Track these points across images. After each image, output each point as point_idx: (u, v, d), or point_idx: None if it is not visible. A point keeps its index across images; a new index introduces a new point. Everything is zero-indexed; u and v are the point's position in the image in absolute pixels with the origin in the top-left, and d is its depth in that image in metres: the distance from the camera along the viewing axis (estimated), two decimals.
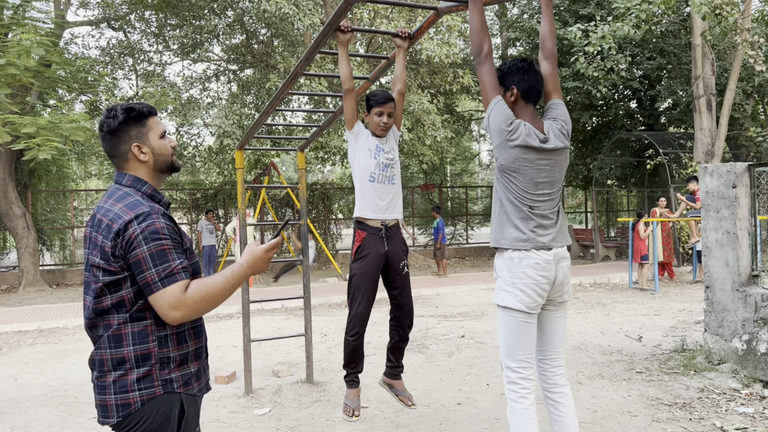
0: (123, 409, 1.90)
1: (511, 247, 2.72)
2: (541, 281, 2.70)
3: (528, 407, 2.70)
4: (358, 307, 3.60)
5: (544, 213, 2.75)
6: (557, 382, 2.88)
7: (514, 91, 2.81)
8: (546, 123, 2.82)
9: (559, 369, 2.90)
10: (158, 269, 1.87)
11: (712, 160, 13.28)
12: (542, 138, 2.74)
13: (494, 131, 2.73)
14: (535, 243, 2.69)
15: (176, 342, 1.99)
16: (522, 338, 2.73)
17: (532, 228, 2.71)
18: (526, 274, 2.69)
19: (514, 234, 2.71)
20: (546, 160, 2.74)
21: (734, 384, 5.09)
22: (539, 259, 2.69)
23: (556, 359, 2.91)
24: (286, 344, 7.32)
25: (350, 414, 3.76)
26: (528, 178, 2.72)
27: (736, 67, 13.04)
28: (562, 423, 2.83)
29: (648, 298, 10.36)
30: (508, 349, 2.77)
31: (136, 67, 16.87)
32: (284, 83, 3.97)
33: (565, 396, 2.86)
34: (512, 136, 2.69)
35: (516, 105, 2.82)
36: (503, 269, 2.77)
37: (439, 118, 13.70)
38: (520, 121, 2.73)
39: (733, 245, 5.51)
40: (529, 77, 2.81)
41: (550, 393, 2.88)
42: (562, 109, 2.90)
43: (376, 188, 3.62)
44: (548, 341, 2.89)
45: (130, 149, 2.04)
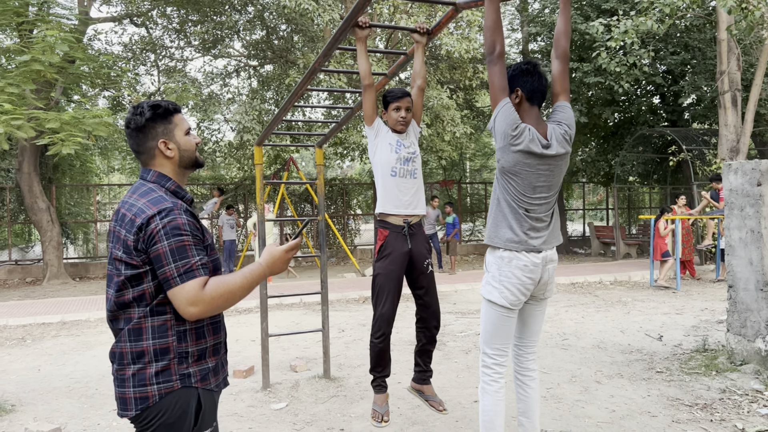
0: (141, 402, 1.92)
1: (503, 246, 2.88)
2: (527, 282, 2.88)
3: (498, 390, 2.97)
4: (383, 307, 3.56)
5: (538, 216, 2.87)
6: (528, 366, 3.16)
7: (518, 93, 2.87)
8: (550, 127, 2.86)
9: (532, 355, 3.17)
10: (178, 265, 1.89)
11: (737, 157, 13.05)
12: (544, 144, 2.81)
13: (499, 134, 2.80)
14: (526, 246, 2.84)
15: (195, 337, 2.01)
16: (501, 330, 2.97)
17: (526, 230, 2.84)
18: (514, 274, 2.86)
19: (508, 235, 2.85)
20: (546, 165, 2.83)
21: (757, 385, 5.00)
22: (528, 262, 2.86)
23: (531, 347, 3.17)
24: (303, 339, 7.35)
25: (379, 420, 3.69)
26: (527, 182, 2.81)
27: (762, 62, 12.78)
28: (526, 402, 3.13)
29: (669, 296, 10.23)
30: (488, 337, 3.01)
31: (158, 62, 17.02)
32: (303, 79, 3.98)
33: (533, 379, 3.15)
34: (516, 141, 2.75)
35: (521, 107, 2.87)
36: (493, 265, 2.96)
37: (458, 113, 13.64)
38: (525, 125, 2.78)
39: (757, 244, 5.41)
40: (533, 80, 2.85)
41: (521, 375, 3.16)
42: (568, 112, 2.93)
43: (398, 183, 3.60)
44: (526, 331, 3.15)
45: (156, 145, 2.07)
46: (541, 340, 6.95)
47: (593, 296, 10.42)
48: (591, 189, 26.84)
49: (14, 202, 16.76)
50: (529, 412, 3.14)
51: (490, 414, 2.96)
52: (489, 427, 2.96)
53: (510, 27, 20.80)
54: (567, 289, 11.40)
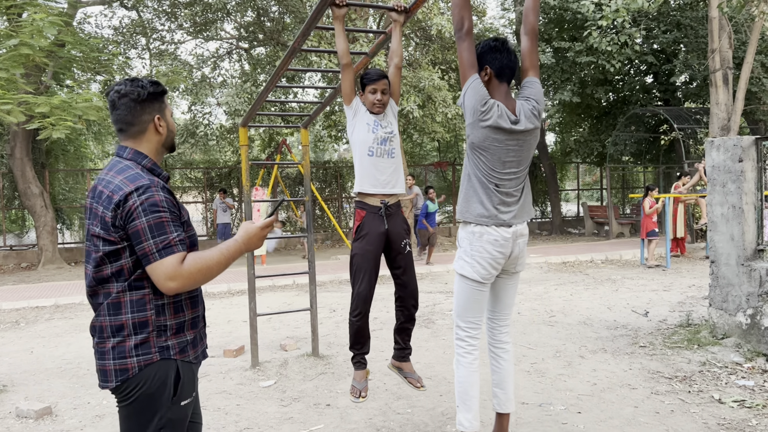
0: (121, 373, 1.99)
1: (474, 221, 2.93)
2: (498, 256, 2.93)
3: (472, 362, 3.04)
4: (360, 286, 3.61)
5: (508, 191, 2.91)
6: (502, 339, 3.24)
7: (487, 70, 2.90)
8: (519, 103, 2.89)
9: (505, 328, 3.24)
10: (156, 240, 1.93)
11: (729, 134, 13.09)
12: (513, 119, 2.85)
13: (468, 109, 2.83)
14: (496, 220, 2.90)
15: (173, 311, 2.07)
16: (473, 303, 3.03)
17: (496, 205, 2.89)
18: (485, 249, 2.91)
19: (479, 210, 2.90)
20: (515, 141, 2.86)
21: (737, 358, 5.10)
22: (498, 236, 2.91)
23: (504, 320, 3.24)
24: (294, 319, 7.44)
25: (357, 395, 3.77)
26: (496, 157, 2.86)
27: (753, 40, 12.78)
28: (500, 374, 3.21)
29: (659, 274, 10.33)
30: (461, 311, 3.07)
31: (149, 46, 16.90)
32: (283, 59, 4.00)
33: (506, 351, 3.23)
34: (485, 116, 2.78)
35: (490, 84, 2.90)
36: (465, 240, 3.00)
37: (450, 94, 13.61)
38: (494, 101, 2.81)
39: (738, 219, 5.48)
40: (502, 56, 2.87)
41: (495, 348, 3.24)
42: (537, 87, 2.96)
43: (375, 162, 3.63)
44: (499, 304, 3.21)
45: (152, 120, 2.13)
46: (529, 318, 7.04)
47: (583, 275, 10.52)
48: (587, 169, 26.87)
49: (8, 188, 16.75)
50: (503, 383, 3.22)
51: (465, 385, 3.04)
52: (464, 397, 3.04)
53: (502, 6, 20.69)
54: (558, 268, 11.49)
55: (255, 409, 4.37)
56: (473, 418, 3.02)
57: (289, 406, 4.42)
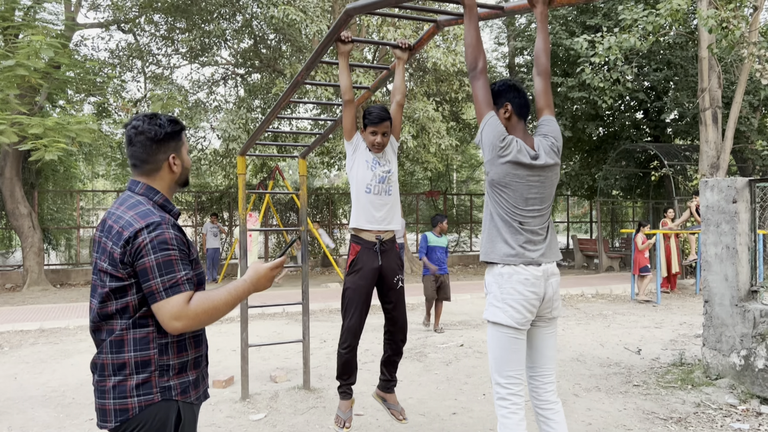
0: (121, 414, 1.94)
1: (501, 261, 2.74)
2: (531, 297, 2.71)
3: (518, 423, 2.71)
4: (351, 320, 3.62)
5: (533, 229, 2.77)
6: (548, 398, 2.88)
7: (508, 107, 2.85)
8: (537, 139, 2.86)
9: (550, 386, 2.91)
10: (164, 279, 1.91)
11: (717, 173, 13.24)
12: (533, 155, 2.78)
13: (487, 146, 2.76)
14: (524, 258, 2.71)
15: (176, 350, 2.03)
16: (512, 354, 2.75)
17: (522, 243, 2.73)
18: (516, 290, 2.70)
19: (504, 249, 2.73)
20: (536, 176, 2.78)
21: (731, 399, 5.07)
22: (528, 275, 2.71)
23: (547, 375, 2.91)
24: (285, 350, 7.34)
25: (341, 425, 3.77)
26: (518, 193, 2.74)
27: (742, 81, 13.01)
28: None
29: (650, 310, 10.33)
30: (498, 365, 2.78)
31: (145, 69, 16.98)
32: (286, 91, 4.01)
33: (556, 413, 2.87)
34: (504, 152, 2.72)
35: (510, 121, 2.86)
36: (493, 285, 2.78)
37: (444, 125, 13.73)
38: (512, 137, 2.76)
39: (732, 260, 5.51)
40: (520, 94, 2.86)
41: (542, 410, 2.89)
42: (554, 125, 2.93)
43: (372, 199, 3.65)
44: (539, 357, 2.90)
45: (167, 159, 2.10)
46: None
47: (575, 309, 10.50)
48: (576, 202, 27.06)
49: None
50: None
51: None
52: None
53: (496, 41, 21.01)
54: None
55: None
56: None
57: None
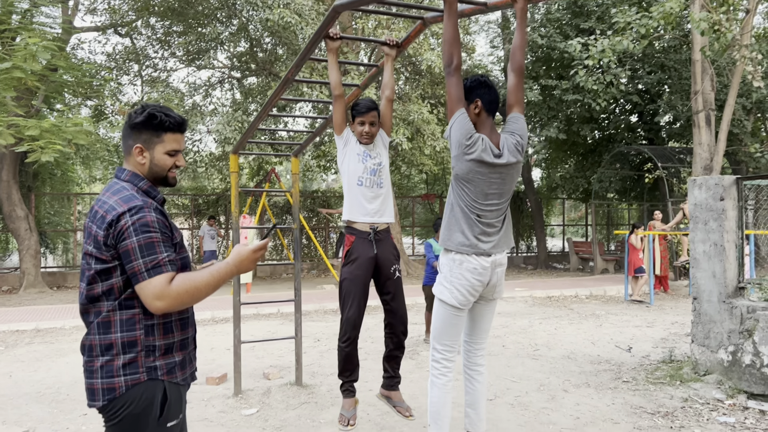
0: (108, 393, 1.99)
1: (455, 249, 3.01)
2: (476, 284, 3.02)
3: (446, 383, 3.14)
4: (349, 311, 3.63)
5: (490, 222, 3.00)
6: (477, 362, 3.33)
7: (478, 103, 2.98)
8: (503, 137, 2.99)
9: (480, 351, 3.33)
10: (146, 260, 1.96)
11: (711, 174, 13.34)
12: (497, 153, 2.95)
13: (454, 142, 2.93)
14: (476, 249, 2.98)
15: (162, 332, 2.08)
16: (450, 327, 3.12)
17: (477, 235, 2.97)
18: (464, 276, 3.00)
19: (460, 239, 2.98)
20: (497, 174, 2.96)
21: (718, 394, 5.13)
22: (477, 265, 2.99)
23: (480, 343, 3.32)
24: (278, 348, 7.38)
25: (345, 423, 3.76)
26: (479, 189, 2.94)
27: (735, 83, 13.12)
28: (473, 395, 3.32)
29: (642, 310, 10.40)
30: (437, 334, 3.15)
31: (141, 72, 17.05)
32: (276, 89, 4.07)
33: (481, 374, 3.32)
34: (469, 150, 2.88)
35: (479, 117, 2.99)
36: (445, 267, 3.09)
37: (438, 128, 13.81)
38: (479, 135, 2.91)
39: (720, 257, 5.57)
40: (490, 91, 2.97)
41: (470, 370, 3.33)
42: (521, 123, 3.07)
43: (364, 192, 3.69)
44: (475, 328, 3.30)
45: (133, 147, 2.16)
46: (513, 350, 7.05)
47: (568, 309, 10.56)
48: (572, 205, 27.14)
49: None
50: (476, 404, 3.33)
51: (438, 405, 3.15)
52: (436, 417, 3.15)
53: (491, 44, 21.12)
54: (543, 303, 11.53)
55: None
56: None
57: None
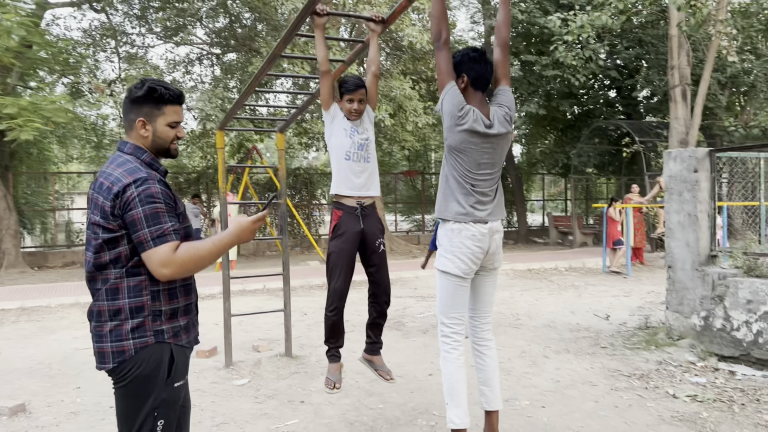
0: (118, 355, 2.10)
1: (452, 219, 3.06)
2: (476, 251, 3.05)
3: (458, 357, 3.11)
4: (336, 282, 3.76)
5: (483, 191, 3.06)
6: (484, 336, 3.30)
7: (464, 78, 3.06)
8: (492, 109, 3.07)
9: (487, 325, 3.32)
10: (151, 229, 2.06)
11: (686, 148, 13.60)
12: (487, 124, 3.02)
13: (446, 114, 3.01)
14: (473, 217, 3.03)
15: (168, 297, 2.19)
16: (456, 299, 3.12)
17: (472, 204, 3.03)
18: (464, 244, 3.03)
19: (456, 208, 3.04)
20: (489, 144, 3.04)
21: (691, 357, 5.37)
22: (476, 231, 3.03)
23: (485, 317, 3.32)
24: (266, 323, 7.51)
25: (332, 387, 3.91)
26: (472, 159, 3.02)
27: (710, 58, 13.34)
28: (486, 371, 3.26)
29: (620, 281, 10.69)
30: (444, 308, 3.15)
31: (119, 49, 16.79)
32: (263, 65, 4.13)
33: (490, 349, 3.29)
34: (461, 121, 2.96)
35: (466, 91, 3.06)
36: (444, 238, 3.12)
37: (421, 104, 13.87)
38: (470, 107, 2.99)
39: (693, 227, 5.79)
40: (478, 66, 3.04)
41: (478, 346, 3.30)
42: (509, 95, 3.15)
43: (351, 166, 3.79)
44: (479, 302, 3.30)
45: (135, 121, 2.24)
46: (495, 320, 7.26)
47: (548, 281, 10.81)
48: (552, 180, 27.45)
49: None
50: (490, 381, 3.25)
51: (452, 381, 3.09)
52: (452, 394, 3.08)
53: (472, 20, 21.12)
54: (523, 275, 11.78)
55: (230, 405, 4.46)
56: (463, 414, 3.05)
57: (263, 402, 4.51)
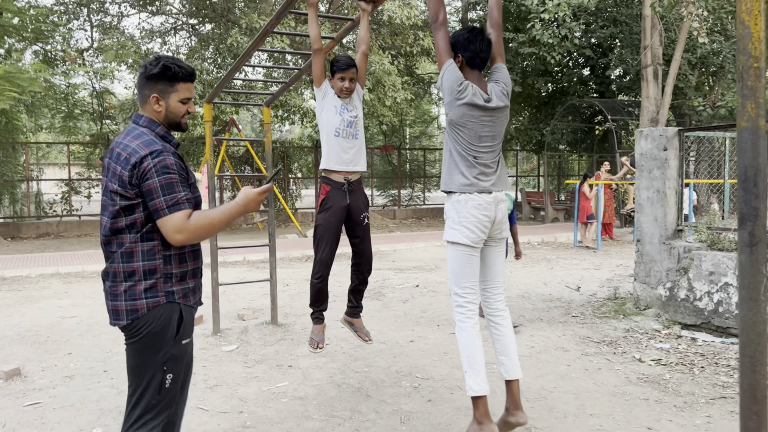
0: (132, 313, 2.28)
1: (458, 190, 3.16)
2: (484, 219, 3.14)
3: (473, 326, 3.17)
4: (323, 253, 3.99)
5: (486, 162, 3.19)
6: (498, 306, 3.36)
7: (459, 58, 3.21)
8: (490, 85, 3.24)
9: (499, 296, 3.38)
10: (166, 198, 2.23)
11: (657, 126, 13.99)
12: (486, 98, 3.17)
13: (446, 90, 3.15)
14: (478, 187, 3.14)
15: (178, 261, 2.37)
16: (467, 269, 3.19)
17: (476, 175, 3.15)
18: (471, 214, 3.13)
19: (461, 180, 3.15)
20: (489, 117, 3.18)
21: (656, 326, 5.71)
22: (481, 201, 3.13)
23: (497, 287, 3.38)
24: (249, 293, 7.68)
25: (315, 346, 4.17)
26: (473, 132, 3.15)
27: (681, 39, 13.66)
28: (502, 341, 3.30)
29: (590, 255, 11.08)
30: (456, 278, 3.22)
31: (92, 18, 16.48)
32: (255, 40, 4.24)
33: (504, 318, 3.34)
34: (461, 95, 3.10)
35: (463, 69, 3.21)
36: (452, 210, 3.21)
37: (399, 79, 13.98)
38: (468, 82, 3.14)
39: (662, 203, 6.09)
40: (473, 46, 3.19)
41: (493, 317, 3.35)
42: (504, 72, 3.32)
43: (341, 142, 3.97)
44: (490, 272, 3.36)
45: (150, 96, 2.39)
46: None
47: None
48: (525, 157, 27.84)
49: None
50: (507, 350, 3.29)
51: (470, 349, 3.14)
52: (470, 362, 3.13)
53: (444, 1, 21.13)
54: None
55: (221, 369, 4.65)
56: (482, 381, 3.09)
57: (253, 367, 4.72)
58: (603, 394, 4.05)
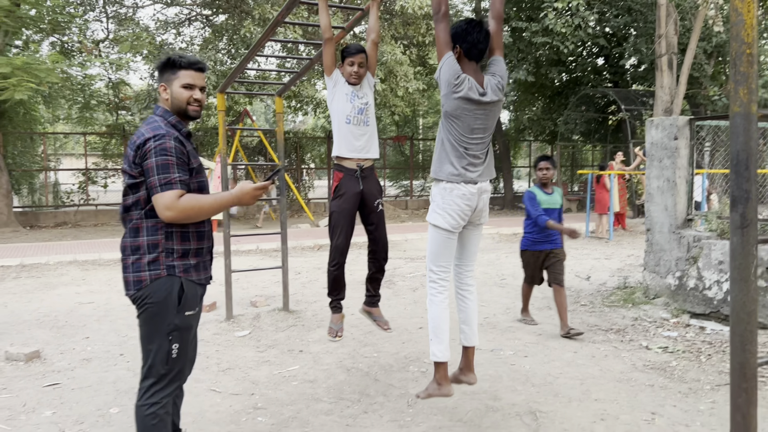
0: (137, 284, 2.49)
1: (446, 179, 3.36)
2: (465, 208, 3.36)
3: (443, 300, 3.45)
4: (338, 239, 4.06)
5: (475, 154, 3.35)
6: (467, 282, 3.66)
7: (457, 49, 3.29)
8: (486, 78, 3.33)
9: (470, 273, 3.66)
10: (160, 177, 2.42)
11: None
12: (481, 92, 3.28)
13: (443, 82, 3.26)
14: (464, 178, 3.33)
15: (180, 239, 2.55)
16: (444, 250, 3.44)
17: (464, 165, 3.32)
18: (455, 202, 3.34)
19: (450, 169, 3.33)
20: (482, 110, 3.30)
21: (665, 314, 5.74)
22: (466, 191, 3.34)
23: (469, 265, 3.67)
24: (261, 281, 7.79)
25: (334, 335, 4.27)
26: (466, 124, 3.29)
27: (697, 28, 13.54)
28: (466, 312, 3.63)
29: (602, 245, 11.07)
30: (433, 257, 3.47)
31: (107, 9, 16.64)
32: (266, 30, 4.31)
33: (471, 293, 3.65)
34: (457, 88, 3.21)
35: (461, 61, 3.30)
36: (438, 196, 3.42)
37: (411, 69, 13.99)
38: (465, 76, 3.24)
39: (672, 192, 6.10)
40: (471, 38, 3.27)
41: (461, 290, 3.66)
42: (501, 65, 3.41)
43: (352, 129, 4.03)
44: (465, 252, 3.64)
45: (159, 87, 2.63)
46: (482, 280, 7.59)
47: None
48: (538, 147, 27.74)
49: None
50: (469, 320, 3.65)
51: (437, 320, 3.47)
52: (436, 331, 3.47)
53: None
54: (509, 239, 12.13)
55: (234, 354, 4.76)
56: (445, 348, 3.44)
57: (265, 351, 4.82)
58: (608, 380, 4.10)
